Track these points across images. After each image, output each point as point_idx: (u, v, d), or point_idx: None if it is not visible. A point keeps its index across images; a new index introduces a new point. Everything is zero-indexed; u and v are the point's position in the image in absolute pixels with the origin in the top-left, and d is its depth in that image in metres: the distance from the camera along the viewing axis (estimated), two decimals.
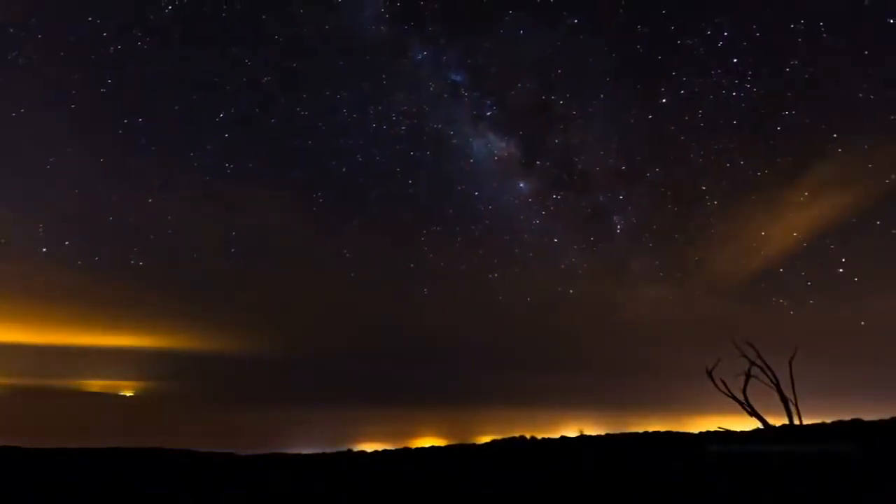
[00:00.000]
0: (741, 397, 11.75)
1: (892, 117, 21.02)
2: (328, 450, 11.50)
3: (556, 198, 27.99)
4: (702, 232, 25.92)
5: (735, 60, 23.55)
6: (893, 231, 21.27)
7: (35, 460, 8.44)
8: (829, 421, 10.42)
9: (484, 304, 27.95)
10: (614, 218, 27.35)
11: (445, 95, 28.31)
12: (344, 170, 28.16)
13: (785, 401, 11.38)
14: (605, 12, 24.86)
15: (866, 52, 21.38)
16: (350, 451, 11.50)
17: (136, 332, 25.81)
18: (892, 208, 21.45)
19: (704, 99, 24.38)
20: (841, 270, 22.29)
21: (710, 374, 12.10)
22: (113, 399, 25.28)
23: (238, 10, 25.60)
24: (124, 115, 25.62)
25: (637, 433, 11.82)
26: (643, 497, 5.48)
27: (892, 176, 21.05)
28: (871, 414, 10.18)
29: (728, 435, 10.97)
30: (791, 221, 23.83)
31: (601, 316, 27.80)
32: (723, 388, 11.96)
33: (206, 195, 27.25)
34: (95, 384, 25.36)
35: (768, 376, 11.66)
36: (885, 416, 9.99)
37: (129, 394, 25.46)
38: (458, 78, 27.72)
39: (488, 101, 28.20)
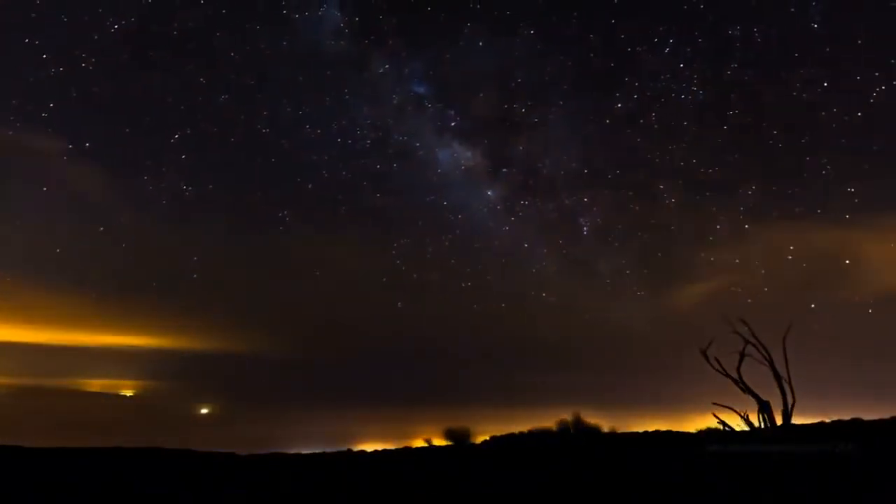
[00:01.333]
0: (735, 375, 11.82)
1: (823, 113, 22.80)
2: (328, 450, 11.53)
3: (524, 203, 27.97)
4: (662, 229, 26.61)
5: (681, 65, 24.90)
6: (833, 220, 23.10)
7: (35, 460, 8.45)
8: (828, 420, 10.46)
9: (461, 312, 27.85)
10: (580, 220, 27.42)
11: (409, 108, 27.80)
12: (310, 186, 27.11)
13: (778, 378, 11.41)
14: (559, 23, 25.94)
15: (796, 55, 23.39)
16: (350, 451, 11.53)
17: (137, 332, 25.77)
18: (829, 198, 23.18)
19: (656, 102, 25.60)
20: (790, 257, 23.61)
21: (704, 353, 12.17)
22: (113, 399, 25.25)
23: (190, 28, 24.53)
24: (70, 140, 23.54)
25: (637, 433, 11.85)
26: (643, 497, 5.49)
27: (828, 167, 23.09)
28: (871, 414, 10.24)
29: (728, 435, 11.01)
30: (742, 214, 25.17)
31: (581, 317, 28.01)
32: (717, 366, 12.03)
33: (162, 220, 25.64)
34: (95, 384, 25.28)
35: (762, 353, 11.73)
36: (885, 416, 10.03)
37: (129, 394, 25.41)
38: (421, 90, 27.36)
39: (452, 112, 27.72)
